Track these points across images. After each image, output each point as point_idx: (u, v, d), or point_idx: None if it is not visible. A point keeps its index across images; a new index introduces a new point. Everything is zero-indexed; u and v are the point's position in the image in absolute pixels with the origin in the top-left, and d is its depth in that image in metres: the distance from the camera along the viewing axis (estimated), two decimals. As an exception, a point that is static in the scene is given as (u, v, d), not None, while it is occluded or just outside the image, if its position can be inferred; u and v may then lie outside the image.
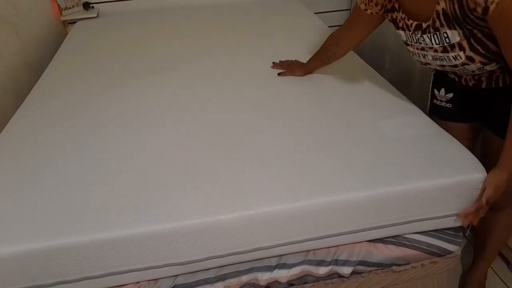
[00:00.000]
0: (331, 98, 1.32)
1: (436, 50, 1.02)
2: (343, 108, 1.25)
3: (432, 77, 1.29)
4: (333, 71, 1.49)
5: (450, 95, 1.22)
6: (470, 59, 0.97)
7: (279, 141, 1.11)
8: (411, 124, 1.16)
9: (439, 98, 1.26)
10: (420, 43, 1.05)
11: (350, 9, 2.66)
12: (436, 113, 1.28)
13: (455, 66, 1.03)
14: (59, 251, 0.85)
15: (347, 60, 1.57)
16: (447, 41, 0.97)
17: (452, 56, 0.99)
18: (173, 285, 0.96)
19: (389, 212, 0.98)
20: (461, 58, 0.98)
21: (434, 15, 0.95)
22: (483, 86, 1.09)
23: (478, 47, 0.95)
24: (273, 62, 1.54)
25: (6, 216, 0.90)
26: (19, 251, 0.83)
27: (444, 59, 1.02)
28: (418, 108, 1.24)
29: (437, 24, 0.96)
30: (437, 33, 0.98)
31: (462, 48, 0.96)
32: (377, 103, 1.27)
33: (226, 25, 2.05)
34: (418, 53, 1.09)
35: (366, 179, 0.97)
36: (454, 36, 0.95)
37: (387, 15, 1.13)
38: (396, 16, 1.08)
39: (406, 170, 1.00)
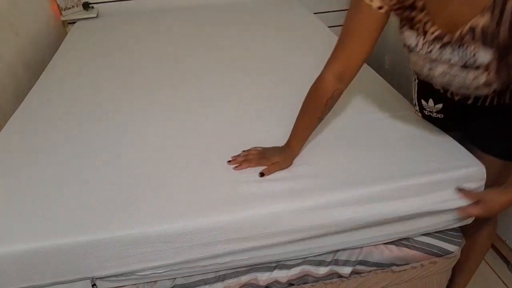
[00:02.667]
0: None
1: (452, 66, 0.87)
2: (342, 108, 1.25)
3: (416, 86, 1.16)
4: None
5: (440, 105, 1.10)
6: (487, 84, 0.84)
7: (279, 143, 1.10)
8: (409, 124, 1.15)
9: (428, 109, 1.14)
10: (433, 55, 0.88)
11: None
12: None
13: (467, 87, 0.89)
14: (57, 251, 0.84)
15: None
16: (472, 60, 0.82)
17: (471, 77, 0.85)
18: (172, 286, 0.96)
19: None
20: (480, 81, 0.84)
21: (466, 29, 0.79)
22: (469, 102, 0.98)
23: (504, 72, 0.81)
24: (233, 157, 1.05)
25: (3, 216, 0.90)
26: (16, 251, 0.83)
27: (457, 76, 0.87)
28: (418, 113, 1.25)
29: (467, 39, 0.80)
30: (463, 48, 0.82)
31: (487, 69, 0.82)
32: (376, 104, 1.27)
33: (225, 25, 2.05)
34: (423, 64, 0.93)
35: (365, 178, 0.97)
36: (486, 55, 0.79)
37: (399, 12, 0.90)
38: (414, 16, 0.87)
39: (404, 168, 1.00)
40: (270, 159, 1.01)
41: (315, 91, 0.99)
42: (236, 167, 1.01)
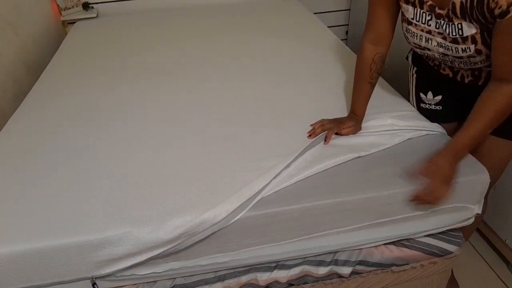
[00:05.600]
0: (331, 100, 1.32)
1: (445, 38, 0.96)
2: (342, 109, 1.25)
3: (414, 80, 1.21)
4: (332, 72, 1.49)
5: (439, 97, 1.15)
6: (478, 51, 0.93)
7: (279, 141, 1.10)
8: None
9: (427, 102, 1.19)
10: (429, 25, 0.97)
11: (349, 9, 2.66)
12: (425, 117, 1.19)
13: (460, 57, 0.98)
14: (56, 252, 0.84)
15: (347, 60, 1.57)
16: (460, 33, 0.92)
17: (461, 48, 0.95)
18: (172, 286, 0.96)
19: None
20: (470, 51, 0.94)
21: (450, 6, 0.90)
22: (480, 83, 1.05)
23: (489, 41, 0.90)
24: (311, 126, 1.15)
25: (3, 217, 0.90)
26: (16, 251, 0.83)
27: (451, 48, 0.97)
28: (416, 110, 1.24)
29: (452, 15, 0.91)
30: (451, 23, 0.92)
31: (474, 41, 0.91)
32: (375, 103, 1.26)
33: (225, 25, 2.05)
34: (421, 35, 1.01)
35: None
36: (470, 28, 0.89)
37: None
38: None
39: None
40: (347, 123, 1.10)
41: (359, 60, 1.12)
42: (311, 134, 1.10)
